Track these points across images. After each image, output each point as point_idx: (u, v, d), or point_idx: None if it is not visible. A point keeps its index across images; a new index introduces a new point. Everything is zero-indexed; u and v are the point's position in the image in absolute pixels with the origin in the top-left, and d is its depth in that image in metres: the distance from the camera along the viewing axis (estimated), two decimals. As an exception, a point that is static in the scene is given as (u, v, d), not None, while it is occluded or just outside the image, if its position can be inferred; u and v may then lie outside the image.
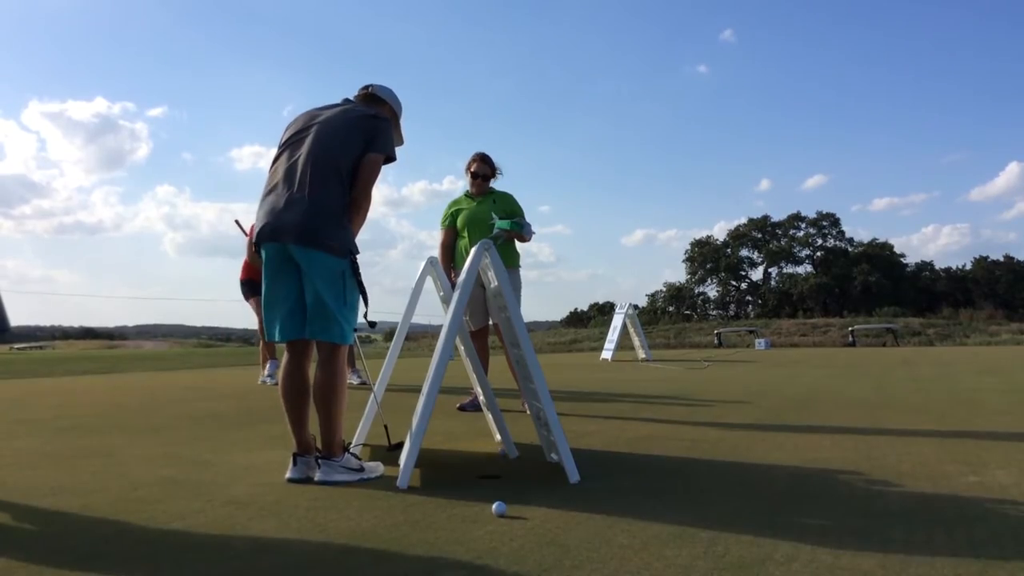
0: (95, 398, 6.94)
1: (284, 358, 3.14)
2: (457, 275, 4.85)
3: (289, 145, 3.12)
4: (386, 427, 3.58)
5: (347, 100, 3.27)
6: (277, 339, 3.07)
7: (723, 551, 2.05)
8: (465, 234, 5.37)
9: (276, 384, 3.33)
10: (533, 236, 5.35)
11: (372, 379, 4.13)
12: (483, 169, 5.43)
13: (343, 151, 3.01)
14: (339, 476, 2.99)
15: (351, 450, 3.14)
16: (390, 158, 3.12)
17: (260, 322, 7.05)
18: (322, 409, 3.01)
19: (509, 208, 5.39)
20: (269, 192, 3.08)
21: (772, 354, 16.08)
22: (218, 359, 16.51)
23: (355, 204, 3.03)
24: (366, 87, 3.36)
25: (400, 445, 3.48)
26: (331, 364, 3.01)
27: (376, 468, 3.14)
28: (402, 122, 3.38)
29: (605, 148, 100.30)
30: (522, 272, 5.49)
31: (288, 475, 3.07)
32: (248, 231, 7.62)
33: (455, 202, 5.54)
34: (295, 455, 3.09)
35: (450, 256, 5.46)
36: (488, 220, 5.31)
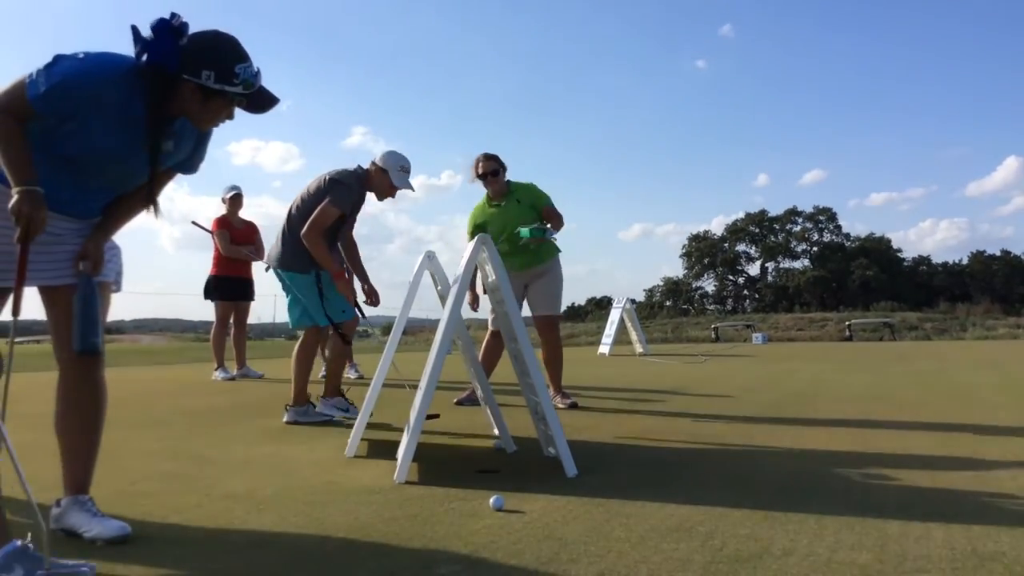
0: (92, 392, 6.92)
1: (306, 337, 4.61)
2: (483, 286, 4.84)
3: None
4: None
5: (359, 167, 4.54)
6: (292, 326, 4.71)
7: (720, 544, 2.06)
8: (499, 241, 5.09)
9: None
10: (557, 221, 5.16)
11: (369, 373, 4.14)
12: (489, 166, 5.19)
13: (312, 205, 4.36)
14: (305, 418, 4.52)
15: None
16: (343, 213, 4.36)
17: (218, 321, 7.89)
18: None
19: (533, 202, 5.19)
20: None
21: (769, 348, 16.11)
22: (215, 353, 16.50)
23: (304, 237, 4.31)
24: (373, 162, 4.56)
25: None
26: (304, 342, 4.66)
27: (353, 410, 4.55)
28: (403, 169, 4.52)
29: (602, 143, 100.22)
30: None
31: (287, 419, 4.53)
32: (212, 227, 7.66)
33: (478, 210, 5.34)
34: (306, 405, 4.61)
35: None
36: (515, 227, 5.07)
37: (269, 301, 23.24)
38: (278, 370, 8.92)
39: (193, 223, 8.01)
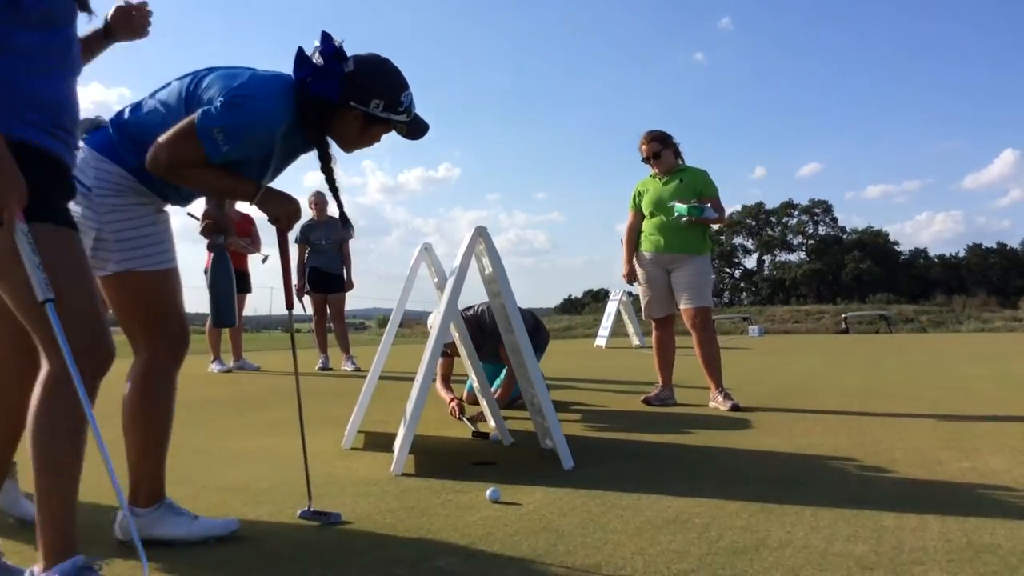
0: (88, 385, 6.91)
1: None
2: (639, 258, 5.00)
3: None
4: None
5: None
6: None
7: (717, 536, 2.06)
8: (650, 216, 4.98)
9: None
10: (721, 214, 4.96)
11: (366, 367, 4.12)
12: (649, 150, 5.00)
13: None
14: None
15: None
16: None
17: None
18: None
19: (698, 186, 4.91)
20: None
21: (765, 341, 16.13)
22: (212, 346, 16.46)
23: None
24: None
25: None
26: None
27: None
28: None
29: (600, 135, 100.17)
30: (517, 259, 5.50)
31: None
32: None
33: (642, 183, 5.12)
34: None
35: (635, 239, 5.08)
36: (670, 202, 4.87)
37: (265, 293, 23.16)
38: (274, 362, 8.91)
39: (188, 215, 7.97)
